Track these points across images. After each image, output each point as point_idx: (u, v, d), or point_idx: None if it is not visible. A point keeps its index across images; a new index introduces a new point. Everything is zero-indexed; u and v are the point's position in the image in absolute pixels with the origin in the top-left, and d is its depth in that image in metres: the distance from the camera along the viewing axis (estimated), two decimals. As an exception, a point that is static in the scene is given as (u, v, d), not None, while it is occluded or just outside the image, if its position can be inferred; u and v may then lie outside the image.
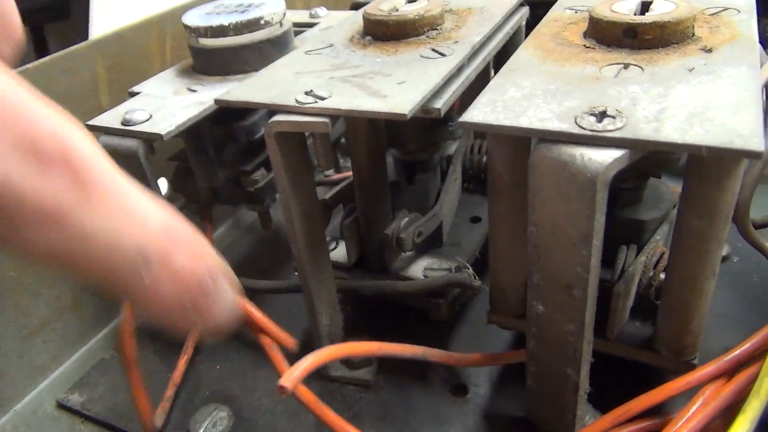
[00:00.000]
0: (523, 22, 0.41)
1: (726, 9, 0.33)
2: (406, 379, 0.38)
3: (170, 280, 0.19)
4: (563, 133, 0.23)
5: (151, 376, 0.36)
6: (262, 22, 0.39)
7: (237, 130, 0.39)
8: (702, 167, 0.24)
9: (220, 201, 0.44)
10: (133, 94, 0.39)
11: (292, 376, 0.26)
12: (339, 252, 0.39)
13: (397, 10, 0.35)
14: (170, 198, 0.43)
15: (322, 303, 0.35)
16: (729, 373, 0.28)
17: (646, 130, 0.22)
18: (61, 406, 0.40)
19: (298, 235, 0.31)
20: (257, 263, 0.52)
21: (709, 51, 0.28)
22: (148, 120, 0.34)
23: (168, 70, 0.42)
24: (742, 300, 0.40)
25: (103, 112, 0.36)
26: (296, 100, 0.28)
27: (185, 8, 0.49)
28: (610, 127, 0.22)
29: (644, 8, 0.31)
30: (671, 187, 0.36)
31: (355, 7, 0.61)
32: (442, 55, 0.31)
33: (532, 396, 0.32)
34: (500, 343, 0.40)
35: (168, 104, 0.36)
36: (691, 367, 0.30)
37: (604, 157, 0.22)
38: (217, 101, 0.29)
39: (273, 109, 0.29)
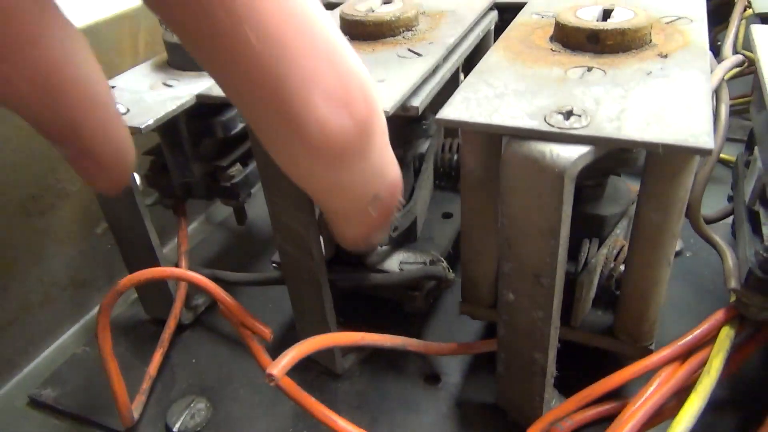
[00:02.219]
0: (492, 26, 0.43)
1: (680, 18, 0.35)
2: (380, 369, 0.39)
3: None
4: (533, 131, 0.24)
5: (127, 371, 0.36)
6: (239, 19, 0.40)
7: (214, 125, 0.39)
8: (658, 164, 0.26)
9: (195, 196, 0.44)
10: (108, 89, 0.39)
11: (280, 364, 0.26)
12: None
13: (373, 11, 0.36)
14: (143, 193, 0.43)
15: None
16: (683, 356, 0.30)
17: (608, 129, 0.24)
18: (34, 401, 0.39)
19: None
20: (230, 259, 0.53)
21: (665, 56, 0.30)
22: (125, 114, 0.34)
23: (143, 65, 0.43)
24: (695, 292, 0.43)
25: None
26: (278, 97, 0.29)
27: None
28: (576, 125, 0.24)
29: (606, 15, 0.33)
30: (629, 186, 0.38)
31: (329, 7, 0.62)
32: (419, 54, 0.33)
33: (502, 382, 0.33)
34: (470, 334, 0.41)
35: (145, 98, 0.37)
36: (649, 353, 0.32)
37: (571, 153, 0.24)
38: (199, 97, 0.30)
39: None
